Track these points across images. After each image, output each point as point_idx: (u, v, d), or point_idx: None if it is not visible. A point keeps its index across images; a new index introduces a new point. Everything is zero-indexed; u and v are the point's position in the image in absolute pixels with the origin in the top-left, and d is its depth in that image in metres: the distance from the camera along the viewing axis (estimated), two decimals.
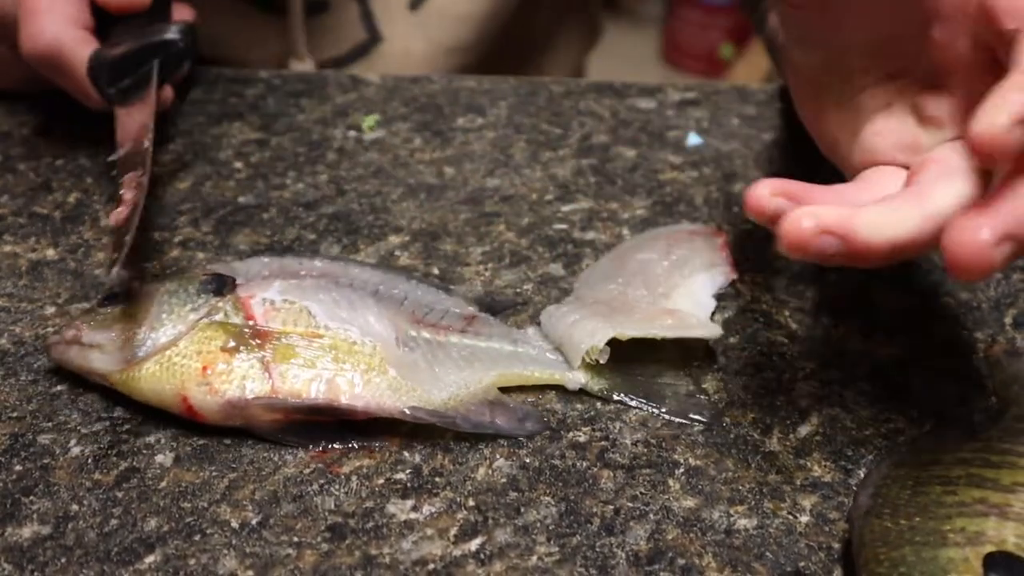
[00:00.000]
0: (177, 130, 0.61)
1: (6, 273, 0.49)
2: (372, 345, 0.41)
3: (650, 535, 0.37)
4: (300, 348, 0.40)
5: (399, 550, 0.36)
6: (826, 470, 0.40)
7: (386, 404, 0.40)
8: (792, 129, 0.63)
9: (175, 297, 0.42)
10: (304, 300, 0.42)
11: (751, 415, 0.42)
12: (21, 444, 0.40)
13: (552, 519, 0.37)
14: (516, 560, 0.36)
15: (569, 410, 0.42)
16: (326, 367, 0.40)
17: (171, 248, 0.51)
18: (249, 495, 0.38)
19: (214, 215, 0.54)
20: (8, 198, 0.55)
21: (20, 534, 0.36)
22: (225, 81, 0.67)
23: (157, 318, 0.41)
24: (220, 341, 0.40)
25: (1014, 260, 0.32)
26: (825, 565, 0.36)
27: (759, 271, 0.51)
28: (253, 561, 0.35)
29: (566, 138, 0.62)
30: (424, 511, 0.37)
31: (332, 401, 0.39)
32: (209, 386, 0.39)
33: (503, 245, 0.52)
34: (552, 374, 0.43)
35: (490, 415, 0.41)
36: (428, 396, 0.40)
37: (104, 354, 0.41)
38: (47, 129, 0.61)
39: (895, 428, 0.42)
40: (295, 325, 0.41)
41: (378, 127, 0.62)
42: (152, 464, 0.39)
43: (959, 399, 0.43)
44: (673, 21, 2.59)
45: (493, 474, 0.39)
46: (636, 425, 0.41)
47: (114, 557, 0.35)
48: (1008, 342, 0.47)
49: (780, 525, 0.37)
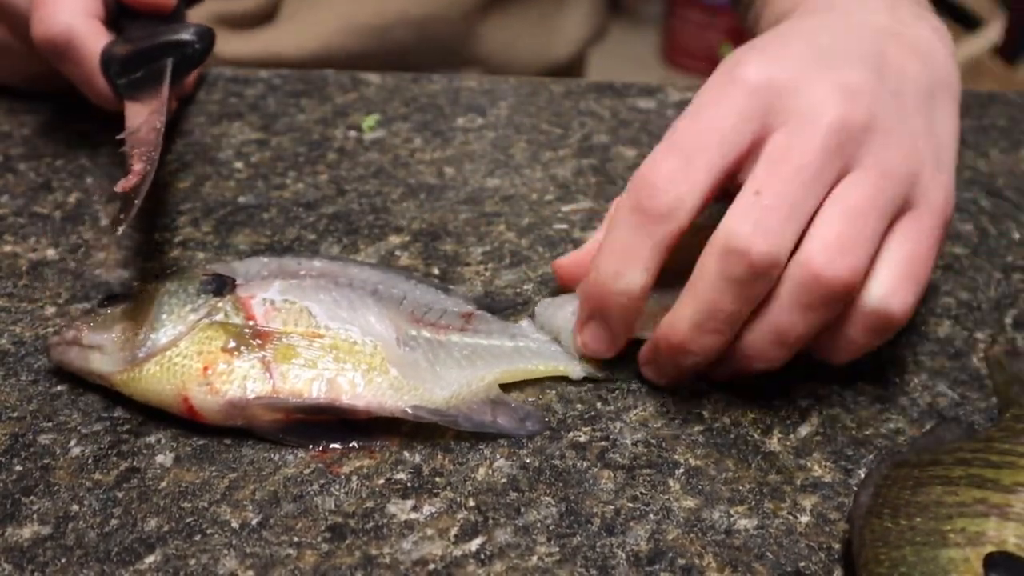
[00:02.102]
0: (177, 130, 0.61)
1: (6, 273, 0.49)
2: (373, 345, 0.41)
3: (650, 535, 0.37)
4: (301, 348, 0.40)
5: (399, 550, 0.36)
6: (826, 470, 0.40)
7: (388, 403, 0.40)
8: None
9: (175, 298, 0.42)
10: (304, 300, 0.42)
11: (751, 415, 0.42)
12: (21, 444, 0.40)
13: (552, 519, 0.37)
14: (516, 560, 0.36)
15: (569, 410, 0.42)
16: (327, 367, 0.40)
17: (171, 248, 0.51)
18: (249, 495, 0.38)
19: (214, 215, 0.54)
20: (8, 198, 0.55)
21: (20, 534, 0.36)
22: (225, 81, 0.67)
23: (157, 319, 0.41)
24: (221, 341, 0.40)
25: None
26: (825, 565, 0.36)
27: None
28: (253, 561, 0.35)
29: (566, 138, 0.62)
30: (424, 511, 0.37)
31: (333, 401, 0.39)
32: (210, 386, 0.39)
33: (503, 245, 0.52)
34: (556, 366, 0.43)
35: (492, 414, 0.41)
36: (430, 395, 0.40)
37: (104, 355, 0.41)
38: (47, 129, 0.61)
39: (895, 428, 0.42)
40: (295, 325, 0.41)
41: (378, 127, 0.62)
42: (152, 464, 0.39)
43: (959, 399, 0.43)
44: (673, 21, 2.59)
45: (493, 474, 0.39)
46: (636, 425, 0.41)
47: (114, 557, 0.35)
48: (1008, 342, 0.47)
49: (780, 525, 0.37)
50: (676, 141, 0.40)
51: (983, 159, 0.62)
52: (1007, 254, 0.53)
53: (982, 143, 0.64)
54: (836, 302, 0.39)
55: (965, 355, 0.46)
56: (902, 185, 0.40)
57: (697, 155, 0.39)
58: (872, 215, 0.39)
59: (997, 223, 0.56)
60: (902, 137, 0.41)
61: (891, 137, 0.40)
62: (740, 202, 0.38)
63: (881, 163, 0.39)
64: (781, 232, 0.38)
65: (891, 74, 0.42)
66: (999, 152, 0.63)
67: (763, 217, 0.38)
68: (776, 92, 0.40)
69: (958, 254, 0.53)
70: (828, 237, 0.38)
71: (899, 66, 0.43)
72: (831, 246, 0.38)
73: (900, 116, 0.41)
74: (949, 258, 0.53)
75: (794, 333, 0.39)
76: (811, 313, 0.39)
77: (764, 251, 0.38)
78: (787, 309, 0.39)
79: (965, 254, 0.53)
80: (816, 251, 0.38)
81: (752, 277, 0.38)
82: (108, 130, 0.61)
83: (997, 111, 0.68)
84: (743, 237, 0.38)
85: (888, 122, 0.40)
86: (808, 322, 0.39)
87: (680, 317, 0.40)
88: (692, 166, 0.39)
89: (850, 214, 0.38)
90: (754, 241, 0.38)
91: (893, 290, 0.39)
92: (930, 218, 0.41)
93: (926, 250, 0.40)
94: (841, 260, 0.38)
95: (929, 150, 0.42)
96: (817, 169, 0.38)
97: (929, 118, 0.43)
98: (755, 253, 0.38)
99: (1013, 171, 0.61)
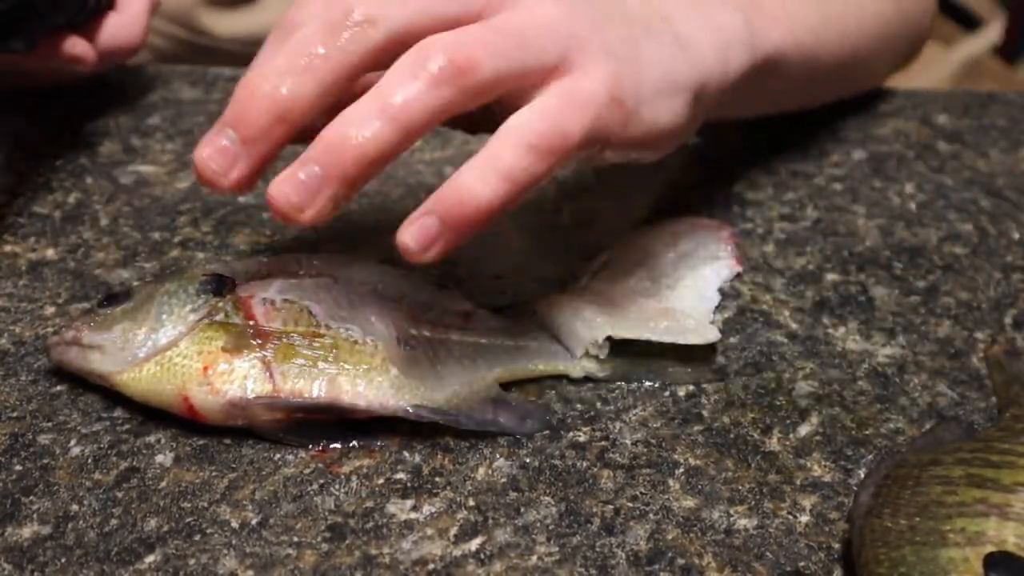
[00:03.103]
0: (176, 130, 0.61)
1: (6, 273, 0.49)
2: (373, 344, 0.41)
3: (650, 535, 0.37)
4: (301, 348, 0.40)
5: (399, 550, 0.36)
6: (826, 470, 0.40)
7: (389, 403, 0.40)
8: (791, 125, 0.63)
9: (175, 298, 0.42)
10: (304, 300, 0.42)
11: (751, 415, 0.42)
12: (21, 444, 0.40)
13: (552, 519, 0.37)
14: (516, 560, 0.36)
15: (569, 410, 0.42)
16: (328, 366, 0.40)
17: (171, 248, 0.51)
18: (249, 495, 0.38)
19: (214, 215, 0.54)
20: (8, 198, 0.55)
21: (20, 534, 0.36)
22: (225, 81, 0.67)
23: (157, 319, 0.41)
24: (221, 341, 0.40)
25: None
26: (825, 565, 0.36)
27: (759, 271, 0.51)
28: (253, 561, 0.35)
29: None
30: (424, 511, 0.37)
31: (334, 400, 0.39)
32: (211, 386, 0.39)
33: (503, 245, 0.52)
34: (556, 365, 0.43)
35: (493, 412, 0.41)
36: (431, 394, 0.40)
37: (104, 355, 0.41)
38: (47, 129, 0.61)
39: (895, 428, 0.42)
40: (296, 325, 0.41)
41: None
42: (152, 464, 0.39)
43: (959, 399, 0.43)
44: None
45: (493, 474, 0.39)
46: (636, 425, 0.41)
47: (114, 557, 0.35)
48: (1008, 342, 0.47)
49: (780, 525, 0.37)
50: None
51: (983, 159, 0.62)
52: (1007, 254, 0.53)
53: (982, 143, 0.64)
54: (449, 82, 0.36)
55: (965, 355, 0.46)
56: (557, 37, 0.38)
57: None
58: (511, 38, 0.37)
59: (997, 223, 0.56)
60: (576, 7, 0.39)
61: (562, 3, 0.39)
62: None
63: (535, 8, 0.38)
64: (386, 3, 0.37)
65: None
66: (999, 152, 0.63)
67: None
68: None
69: (958, 254, 0.53)
70: (457, 35, 0.37)
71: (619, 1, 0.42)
72: (457, 37, 0.36)
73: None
74: (949, 258, 0.53)
75: (400, 98, 0.36)
76: (420, 83, 0.36)
77: (363, 5, 0.37)
78: (395, 76, 0.36)
79: (965, 254, 0.53)
80: (442, 35, 0.37)
81: (342, 21, 0.37)
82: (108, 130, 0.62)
83: (997, 111, 0.68)
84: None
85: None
86: (416, 92, 0.36)
87: (275, 63, 0.38)
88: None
89: (486, 28, 0.37)
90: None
91: (531, 117, 0.37)
92: (586, 83, 0.38)
93: (574, 103, 0.38)
94: (465, 46, 0.36)
95: (611, 35, 0.40)
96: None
97: (628, 28, 0.41)
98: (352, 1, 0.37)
99: (1013, 171, 0.61)
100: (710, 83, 0.44)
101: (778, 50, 0.50)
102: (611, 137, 0.40)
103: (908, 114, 0.67)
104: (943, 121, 0.67)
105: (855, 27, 0.59)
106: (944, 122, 0.66)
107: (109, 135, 0.61)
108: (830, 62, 0.57)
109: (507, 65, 0.37)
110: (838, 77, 0.61)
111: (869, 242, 0.54)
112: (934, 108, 0.68)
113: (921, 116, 0.67)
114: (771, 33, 0.50)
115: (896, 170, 0.61)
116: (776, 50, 0.50)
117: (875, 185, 0.59)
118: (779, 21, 0.51)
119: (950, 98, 0.70)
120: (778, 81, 0.53)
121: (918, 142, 0.64)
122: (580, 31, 0.39)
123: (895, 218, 0.56)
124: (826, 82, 0.60)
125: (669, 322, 0.45)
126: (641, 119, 0.41)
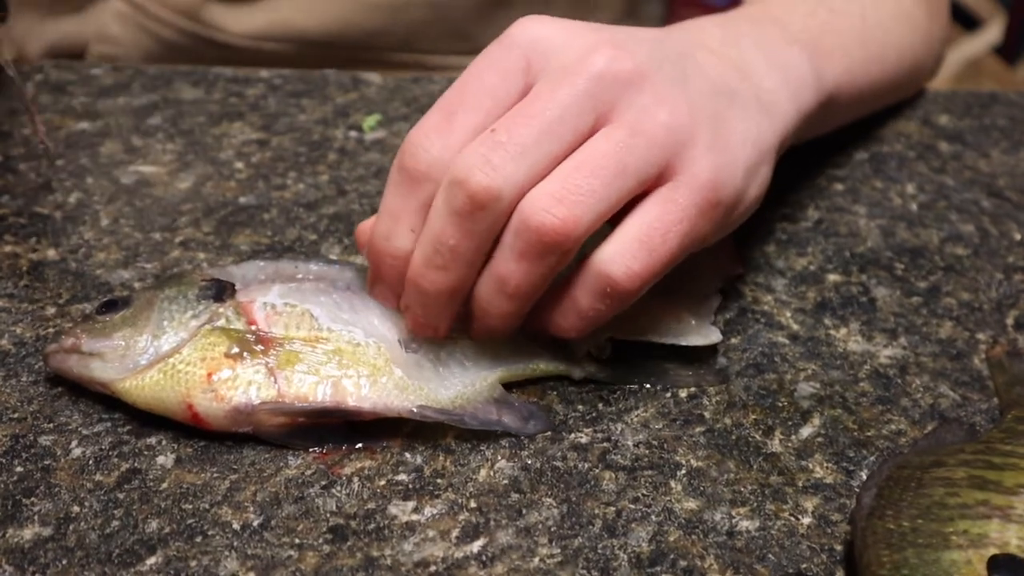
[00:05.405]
0: (177, 130, 0.61)
1: (7, 273, 0.49)
2: (376, 346, 0.41)
3: (652, 537, 0.37)
4: (305, 352, 0.40)
5: (401, 551, 0.36)
6: (828, 472, 0.40)
7: (393, 404, 0.40)
8: None
9: (175, 303, 0.42)
10: (305, 303, 0.42)
11: (752, 416, 0.42)
12: (22, 445, 0.40)
13: (554, 521, 0.37)
14: (518, 562, 0.36)
15: (571, 411, 0.42)
16: (331, 370, 0.40)
17: (172, 248, 0.51)
18: (250, 496, 0.38)
19: (215, 215, 0.54)
20: (8, 198, 0.55)
21: (21, 535, 0.36)
22: (225, 81, 0.67)
23: (158, 325, 0.41)
24: (224, 347, 0.40)
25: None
26: (827, 567, 0.36)
27: (760, 271, 0.51)
28: (254, 563, 0.35)
29: None
30: (426, 512, 0.37)
31: (339, 403, 0.39)
32: (215, 393, 0.39)
33: None
34: (557, 366, 0.43)
35: (497, 413, 0.41)
36: (435, 395, 0.40)
37: (105, 363, 0.40)
38: (47, 129, 0.61)
39: (897, 430, 0.42)
40: (298, 328, 0.41)
41: (379, 127, 0.62)
42: (153, 465, 0.39)
43: (961, 400, 0.43)
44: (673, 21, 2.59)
45: (495, 475, 0.39)
46: (638, 427, 0.41)
47: (115, 559, 0.35)
48: (1010, 343, 0.47)
49: (782, 527, 0.37)
50: (441, 102, 0.39)
51: (984, 159, 0.62)
52: (1008, 255, 0.53)
53: (983, 143, 0.64)
54: (549, 253, 0.37)
55: (967, 356, 0.46)
56: (658, 148, 0.38)
57: (457, 114, 0.39)
58: (609, 169, 0.37)
59: (998, 224, 0.56)
60: (675, 103, 0.39)
61: (660, 98, 0.39)
62: (477, 139, 0.38)
63: (638, 121, 0.38)
64: (504, 167, 0.37)
65: (680, 57, 0.41)
66: (1000, 152, 0.63)
67: (490, 152, 0.37)
68: (542, 49, 0.39)
69: (959, 255, 0.53)
70: (552, 185, 0.37)
71: (698, 61, 0.42)
72: (550, 194, 0.37)
73: (675, 81, 0.40)
74: (950, 259, 0.53)
75: (513, 281, 0.38)
76: (526, 262, 0.38)
77: (483, 184, 0.37)
78: (506, 254, 0.38)
79: (966, 255, 0.53)
80: (535, 197, 0.37)
81: (471, 209, 0.37)
82: (109, 130, 0.61)
83: (997, 111, 0.68)
84: (464, 169, 0.37)
85: (660, 83, 0.39)
86: (525, 271, 0.38)
87: (415, 252, 0.39)
88: (451, 125, 0.38)
89: (583, 165, 0.38)
90: (473, 173, 0.37)
91: (620, 253, 0.38)
92: (686, 192, 0.39)
93: (669, 222, 0.39)
94: (556, 209, 0.37)
95: (706, 127, 0.40)
96: (560, 113, 0.38)
97: (717, 104, 0.41)
98: (473, 184, 0.37)
99: (1014, 171, 0.61)
100: (789, 134, 0.46)
101: (836, 86, 0.52)
102: (709, 237, 0.41)
103: (909, 114, 0.67)
104: (944, 121, 0.67)
105: (894, 59, 0.60)
106: (945, 122, 0.66)
107: (110, 135, 0.60)
108: (871, 93, 0.59)
109: (607, 203, 0.38)
110: (873, 104, 0.63)
111: (870, 243, 0.54)
112: (935, 108, 0.68)
113: (922, 116, 0.67)
114: (831, 70, 0.51)
115: (897, 170, 0.61)
116: (835, 86, 0.51)
117: (876, 185, 0.59)
118: (835, 58, 0.52)
119: (951, 98, 0.70)
120: (831, 114, 0.54)
121: (919, 142, 0.64)
122: (681, 131, 0.39)
123: (896, 219, 0.56)
124: (864, 110, 0.62)
125: (670, 323, 0.45)
126: (736, 212, 0.42)
